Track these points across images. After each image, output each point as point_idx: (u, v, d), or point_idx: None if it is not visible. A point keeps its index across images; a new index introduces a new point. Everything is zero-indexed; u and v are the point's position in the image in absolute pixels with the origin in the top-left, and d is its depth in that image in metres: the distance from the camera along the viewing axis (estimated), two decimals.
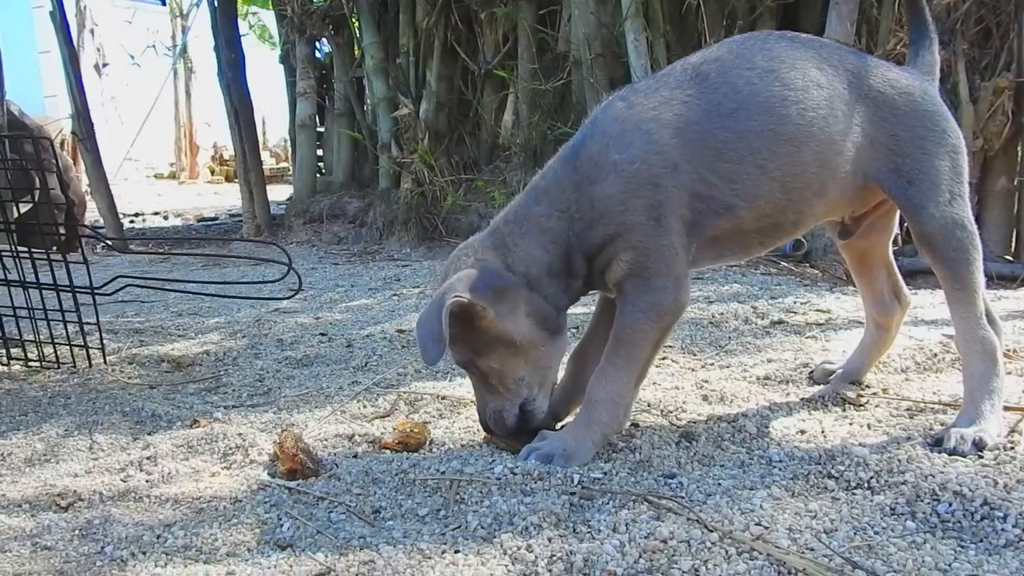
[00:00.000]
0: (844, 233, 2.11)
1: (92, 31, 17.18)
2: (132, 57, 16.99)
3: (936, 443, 1.79)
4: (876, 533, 1.46)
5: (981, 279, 1.90)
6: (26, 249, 3.01)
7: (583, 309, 3.45)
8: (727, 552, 1.41)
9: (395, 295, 4.21)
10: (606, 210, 1.83)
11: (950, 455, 1.73)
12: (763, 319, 3.14)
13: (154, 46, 17.47)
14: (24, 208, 5.33)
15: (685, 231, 1.83)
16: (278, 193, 9.20)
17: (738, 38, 1.97)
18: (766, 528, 1.47)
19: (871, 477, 1.65)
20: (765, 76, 1.85)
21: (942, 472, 1.61)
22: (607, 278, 1.88)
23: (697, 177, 1.82)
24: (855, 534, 1.45)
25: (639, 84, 1.96)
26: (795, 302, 3.42)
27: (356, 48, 7.61)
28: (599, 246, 1.85)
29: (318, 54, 7.92)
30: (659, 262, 1.81)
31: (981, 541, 1.43)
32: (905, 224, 2.07)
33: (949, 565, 1.34)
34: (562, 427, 2.02)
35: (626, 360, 1.85)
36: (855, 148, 1.87)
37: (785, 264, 4.49)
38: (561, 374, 2.10)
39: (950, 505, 1.51)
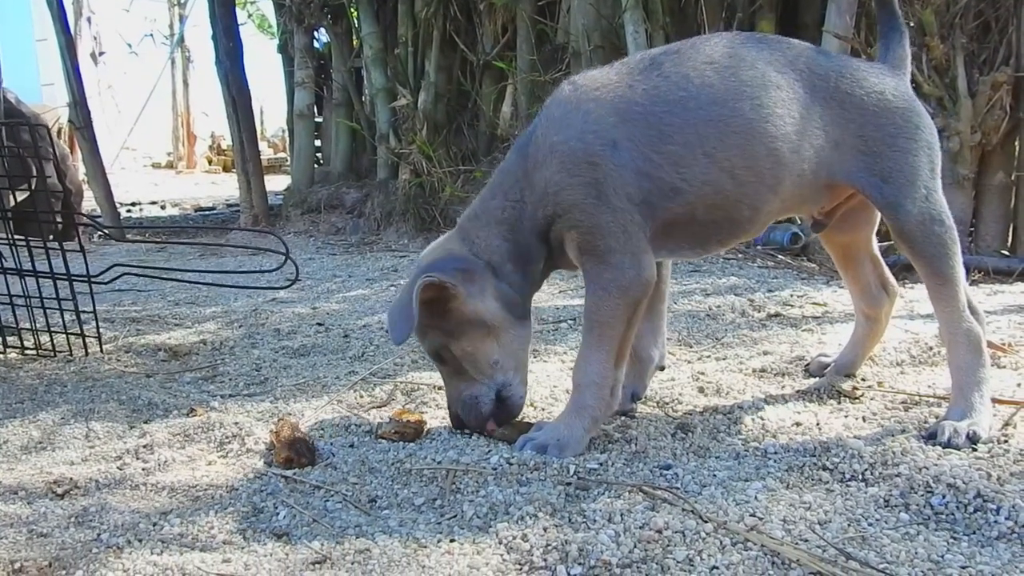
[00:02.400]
0: (817, 226, 2.12)
1: (89, 19, 17.13)
2: (130, 46, 16.94)
3: (930, 436, 1.80)
4: (870, 525, 1.46)
5: (961, 272, 1.91)
6: (23, 237, 3.00)
7: (571, 301, 3.45)
8: (721, 542, 1.41)
9: (393, 286, 4.21)
10: (545, 192, 1.87)
11: (944, 448, 1.73)
12: (759, 312, 3.15)
13: (152, 35, 17.43)
14: (21, 196, 5.33)
15: (637, 210, 1.84)
16: (275, 183, 9.19)
17: (704, 36, 1.98)
18: (760, 519, 1.48)
19: (865, 469, 1.66)
20: (721, 71, 1.86)
21: (936, 465, 1.62)
22: (568, 256, 1.92)
23: (640, 156, 1.82)
24: (849, 525, 1.46)
25: (592, 70, 1.98)
26: (791, 295, 3.42)
27: (355, 38, 7.60)
28: (545, 226, 1.90)
29: (316, 44, 7.90)
30: (608, 239, 1.83)
31: (974, 533, 1.43)
32: None
33: (942, 557, 1.35)
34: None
35: (600, 340, 1.87)
36: (814, 149, 1.87)
37: (782, 257, 4.49)
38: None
39: (944, 497, 1.51)
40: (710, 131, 1.83)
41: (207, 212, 9.89)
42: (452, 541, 1.50)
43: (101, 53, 17.33)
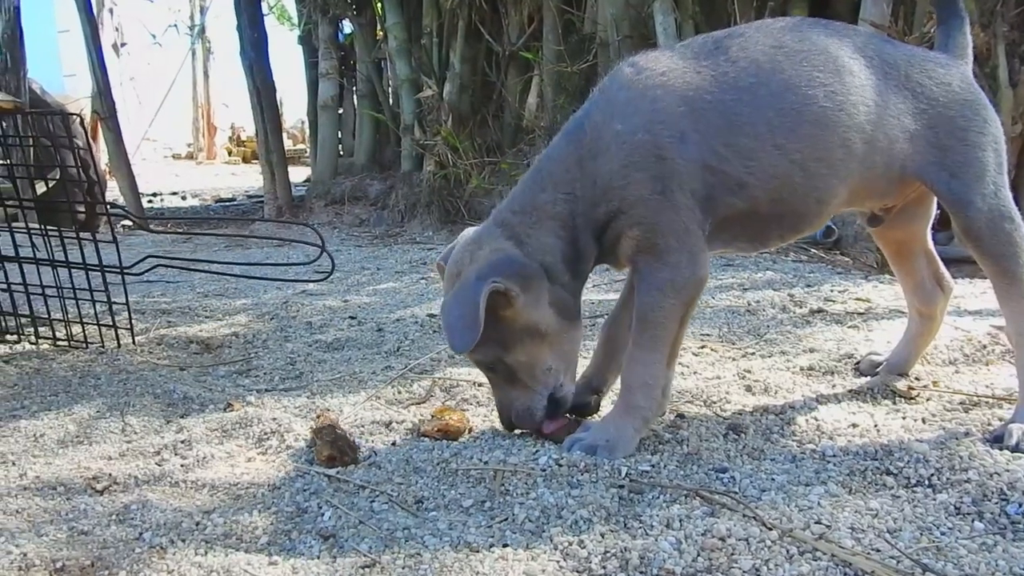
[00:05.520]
0: (874, 221, 2.05)
1: (111, 10, 17.17)
2: (154, 36, 16.97)
3: (996, 440, 1.73)
4: (943, 534, 1.40)
5: None
6: (56, 228, 2.97)
7: (606, 296, 3.40)
8: (788, 552, 1.35)
9: (423, 279, 4.17)
10: (608, 185, 1.76)
11: (1012, 452, 1.66)
12: (801, 307, 3.07)
13: (175, 25, 17.45)
14: (48, 185, 5.32)
15: (698, 206, 1.75)
16: (295, 175, 9.17)
17: (770, 20, 1.89)
18: (827, 527, 1.41)
19: (932, 474, 1.60)
20: (792, 56, 1.78)
21: (1008, 470, 1.55)
22: (619, 253, 1.83)
23: (708, 149, 1.74)
24: (921, 535, 1.39)
25: (653, 51, 1.87)
26: (832, 290, 3.35)
27: (379, 29, 7.55)
28: (604, 223, 1.80)
29: (340, 35, 7.87)
30: (668, 237, 1.74)
31: None
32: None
33: None
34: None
35: (652, 340, 1.79)
36: (888, 140, 1.79)
37: (815, 251, 4.42)
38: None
39: (1020, 506, 1.45)
40: (782, 121, 1.74)
41: (227, 203, 9.90)
42: (505, 546, 1.45)
43: (123, 44, 17.38)
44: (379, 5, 7.37)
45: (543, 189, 1.83)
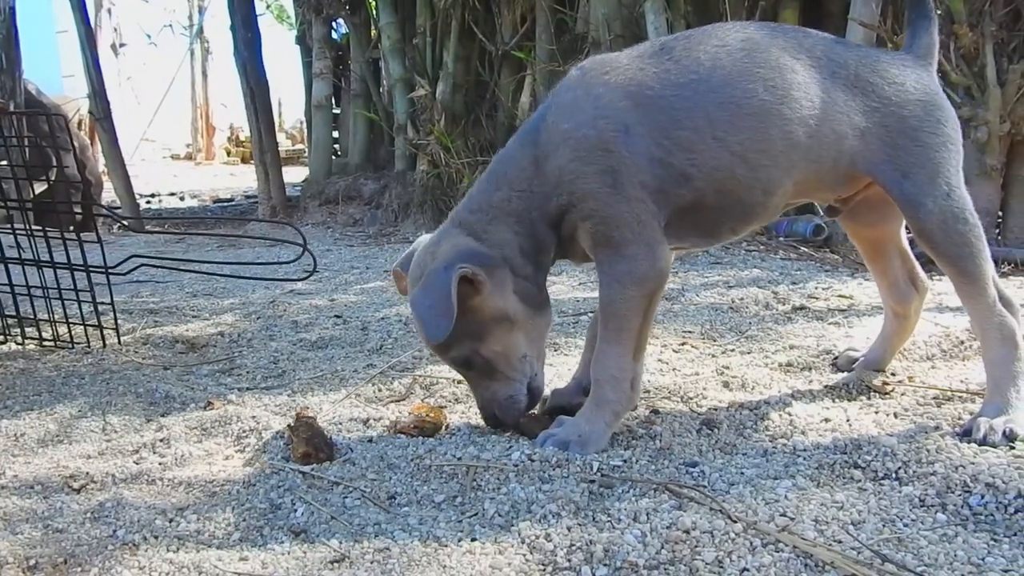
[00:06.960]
0: (831, 212, 2.08)
1: (109, 11, 17.20)
2: (149, 37, 17.00)
3: (965, 433, 1.75)
4: (905, 525, 1.41)
5: (989, 267, 1.84)
6: (40, 228, 2.99)
7: (591, 294, 3.41)
8: (752, 543, 1.37)
9: None
10: (559, 180, 1.81)
11: (980, 445, 1.68)
12: (784, 304, 3.09)
13: (171, 26, 17.48)
14: (40, 187, 5.33)
15: (651, 199, 1.78)
16: (294, 175, 9.19)
17: (717, 24, 1.94)
18: (792, 519, 1.43)
19: (899, 467, 1.61)
20: (733, 54, 1.81)
21: (973, 463, 1.56)
22: (579, 246, 1.87)
23: (652, 142, 1.78)
24: (884, 526, 1.41)
25: (601, 55, 1.93)
26: (816, 287, 3.36)
27: (373, 28, 7.57)
28: (558, 216, 1.85)
29: (334, 35, 7.88)
30: (623, 229, 1.78)
31: (1015, 535, 1.38)
32: None
33: (982, 559, 1.30)
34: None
35: (616, 333, 1.82)
36: (836, 135, 1.81)
37: (805, 249, 4.43)
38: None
39: (982, 497, 1.46)
40: (721, 114, 1.78)
41: (226, 203, 9.92)
42: (473, 540, 1.46)
43: (121, 44, 17.41)
44: (373, 5, 7.38)
45: (498, 188, 1.89)
